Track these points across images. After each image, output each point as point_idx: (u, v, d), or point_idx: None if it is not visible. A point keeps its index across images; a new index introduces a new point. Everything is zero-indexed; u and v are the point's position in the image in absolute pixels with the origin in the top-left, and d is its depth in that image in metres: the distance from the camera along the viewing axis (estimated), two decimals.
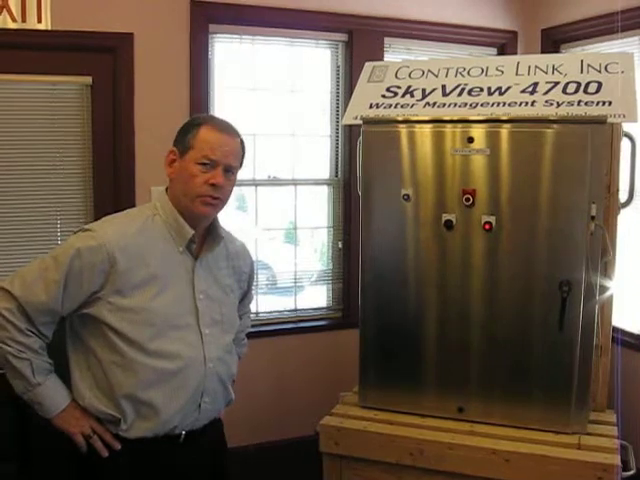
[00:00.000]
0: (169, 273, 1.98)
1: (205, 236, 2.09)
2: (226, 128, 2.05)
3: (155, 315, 1.93)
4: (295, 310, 4.14)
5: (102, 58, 3.50)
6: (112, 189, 3.58)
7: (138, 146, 3.55)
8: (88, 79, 3.50)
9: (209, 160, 1.97)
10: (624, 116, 2.60)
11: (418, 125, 2.73)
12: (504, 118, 2.65)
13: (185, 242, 2.00)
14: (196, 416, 2.04)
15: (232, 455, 3.80)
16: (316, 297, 4.24)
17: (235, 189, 2.09)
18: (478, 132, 2.64)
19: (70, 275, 1.87)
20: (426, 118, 2.76)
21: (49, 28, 3.34)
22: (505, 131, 2.61)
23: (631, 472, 2.58)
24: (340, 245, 4.16)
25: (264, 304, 4.06)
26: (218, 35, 3.78)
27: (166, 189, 2.07)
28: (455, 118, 2.71)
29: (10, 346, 1.86)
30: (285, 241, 4.28)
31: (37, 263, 1.92)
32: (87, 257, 1.87)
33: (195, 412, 2.03)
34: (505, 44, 4.40)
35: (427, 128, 2.72)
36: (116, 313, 1.90)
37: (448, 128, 2.69)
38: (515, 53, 4.37)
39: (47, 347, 1.97)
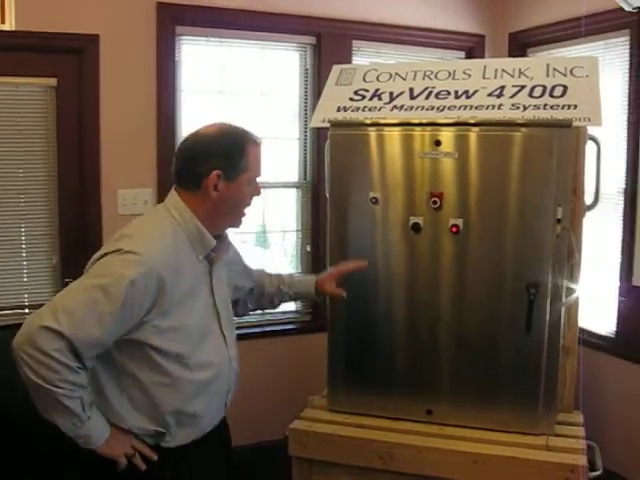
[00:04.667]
0: (196, 283, 1.99)
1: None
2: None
3: (192, 329, 1.95)
4: (263, 314, 4.11)
5: (67, 59, 3.45)
6: (78, 192, 3.53)
7: (104, 148, 3.51)
8: (53, 81, 3.45)
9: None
10: (589, 120, 2.63)
11: (386, 128, 2.73)
12: (472, 121, 2.66)
13: (206, 251, 2.00)
14: (222, 412, 2.17)
15: None
16: None
17: None
18: (447, 135, 2.64)
19: (125, 307, 1.79)
20: (394, 121, 2.76)
21: (13, 29, 3.28)
22: (473, 134, 2.62)
23: (598, 472, 2.60)
24: (309, 248, 4.14)
25: None
26: (185, 37, 3.75)
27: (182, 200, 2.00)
28: (424, 121, 2.72)
29: (62, 388, 1.76)
30: (255, 244, 4.26)
31: (81, 295, 1.80)
32: (141, 285, 1.80)
33: (222, 409, 2.15)
34: (473, 48, 4.43)
35: (395, 131, 2.72)
36: (160, 335, 1.88)
37: (417, 131, 2.69)
38: (483, 57, 4.40)
39: None
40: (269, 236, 4.16)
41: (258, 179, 2.07)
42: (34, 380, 1.74)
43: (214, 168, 1.93)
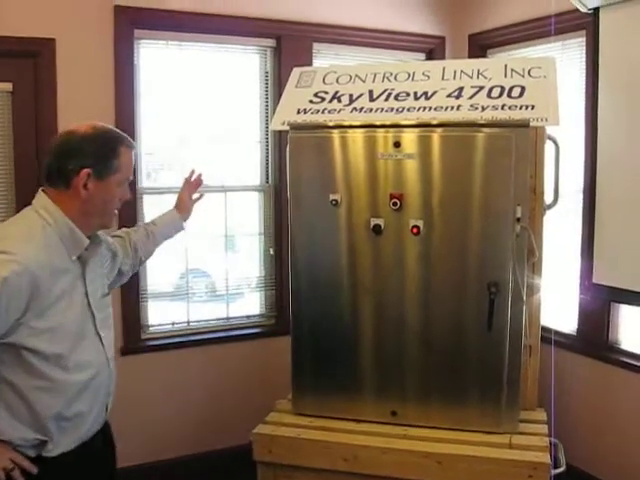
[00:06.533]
0: (70, 284, 1.93)
1: None
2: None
3: (69, 329, 1.90)
4: (227, 318, 4.09)
5: (23, 64, 3.38)
6: None
7: None
8: (8, 85, 3.38)
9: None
10: (547, 120, 2.65)
11: (347, 130, 2.74)
12: (435, 122, 2.67)
13: (80, 251, 1.95)
14: (104, 416, 2.12)
15: (167, 467, 3.73)
16: (249, 304, 4.20)
17: (165, 196, 2.10)
18: (407, 137, 2.65)
19: (0, 306, 1.74)
20: (356, 123, 2.76)
21: None
22: (434, 135, 2.64)
23: (561, 469, 2.63)
24: (272, 251, 4.12)
25: (196, 313, 4.00)
26: (144, 41, 3.71)
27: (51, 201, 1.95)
28: (387, 123, 2.72)
29: None
30: (220, 248, 4.21)
31: None
32: (15, 284, 1.75)
33: (103, 412, 2.10)
34: (433, 49, 4.45)
35: (356, 133, 2.72)
36: (37, 336, 1.82)
37: (378, 133, 2.70)
38: (443, 58, 4.42)
39: None
40: (231, 240, 4.13)
41: (127, 183, 2.05)
42: None
43: (85, 166, 1.90)
